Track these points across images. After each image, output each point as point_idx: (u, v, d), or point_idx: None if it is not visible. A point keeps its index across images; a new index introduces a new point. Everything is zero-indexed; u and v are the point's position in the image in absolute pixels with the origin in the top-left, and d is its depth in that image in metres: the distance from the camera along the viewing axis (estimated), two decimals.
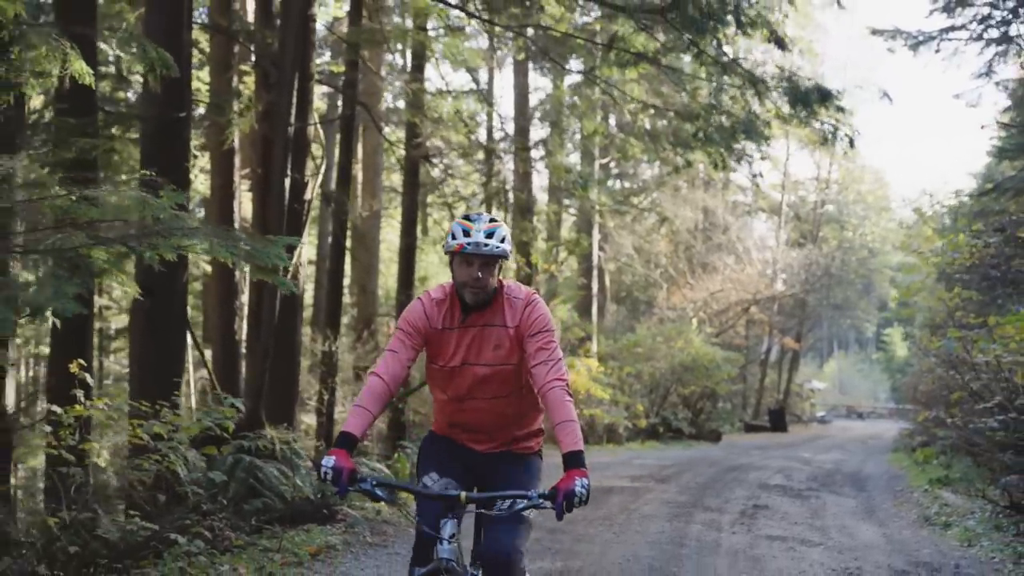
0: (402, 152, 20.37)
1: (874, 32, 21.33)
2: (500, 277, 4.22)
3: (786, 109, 12.44)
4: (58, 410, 7.22)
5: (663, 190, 37.86)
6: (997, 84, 21.46)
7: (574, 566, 8.13)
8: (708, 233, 40.36)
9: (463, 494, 3.77)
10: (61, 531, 6.40)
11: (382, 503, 4.22)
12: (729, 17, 11.39)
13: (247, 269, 11.40)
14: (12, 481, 7.63)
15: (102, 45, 13.89)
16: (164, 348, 10.66)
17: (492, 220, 4.10)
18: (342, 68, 18.97)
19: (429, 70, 23.71)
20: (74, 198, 5.89)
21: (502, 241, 4.06)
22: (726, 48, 13.81)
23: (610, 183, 38.55)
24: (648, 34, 12.64)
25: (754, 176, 16.60)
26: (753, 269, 39.21)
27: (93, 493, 7.08)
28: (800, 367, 53.91)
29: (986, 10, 20.41)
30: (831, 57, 48.58)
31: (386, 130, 22.81)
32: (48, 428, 7.12)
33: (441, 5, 16.62)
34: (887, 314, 54.27)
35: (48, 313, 6.43)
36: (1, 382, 8.08)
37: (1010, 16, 20.59)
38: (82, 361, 7.50)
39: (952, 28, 20.73)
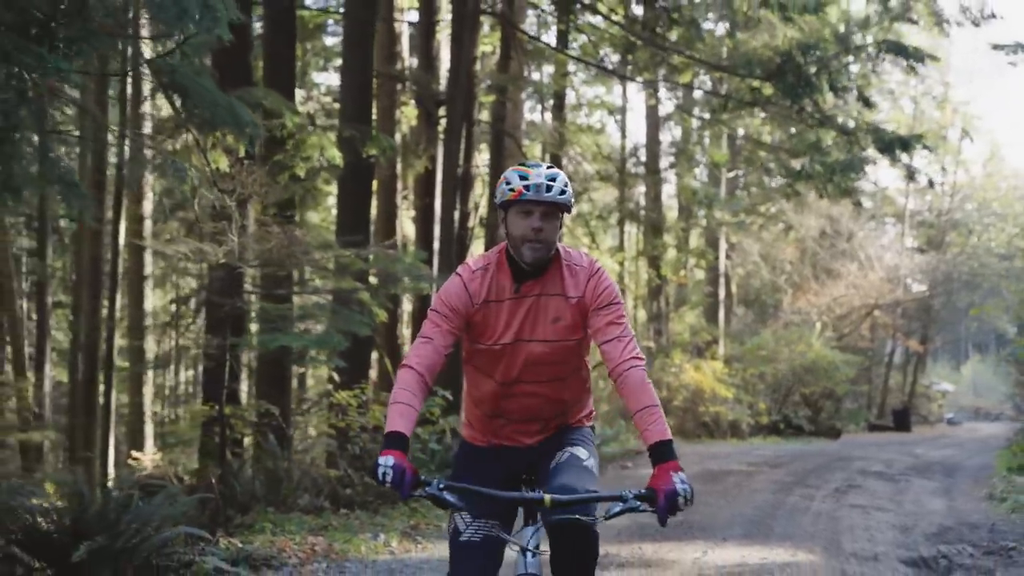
0: None
1: (995, 47, 22.99)
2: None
3: (874, 154, 14.83)
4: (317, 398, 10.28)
5: (788, 199, 39.76)
6: None
7: (694, 519, 10.81)
8: (832, 240, 42.08)
9: (548, 497, 3.35)
10: (337, 480, 9.43)
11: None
12: (824, 83, 13.88)
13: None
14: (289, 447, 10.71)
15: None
16: (356, 353, 13.73)
17: (550, 167, 3.65)
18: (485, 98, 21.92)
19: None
20: (349, 254, 8.87)
21: (565, 187, 3.60)
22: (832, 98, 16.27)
23: (739, 191, 40.79)
24: (757, 92, 15.21)
25: (856, 204, 18.86)
26: (875, 275, 40.75)
27: (349, 457, 10.10)
28: (934, 369, 54.75)
29: None
30: (955, 67, 49.33)
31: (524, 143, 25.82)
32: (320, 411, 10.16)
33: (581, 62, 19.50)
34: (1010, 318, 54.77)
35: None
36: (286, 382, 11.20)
37: None
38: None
39: None
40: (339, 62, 26.72)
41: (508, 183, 3.59)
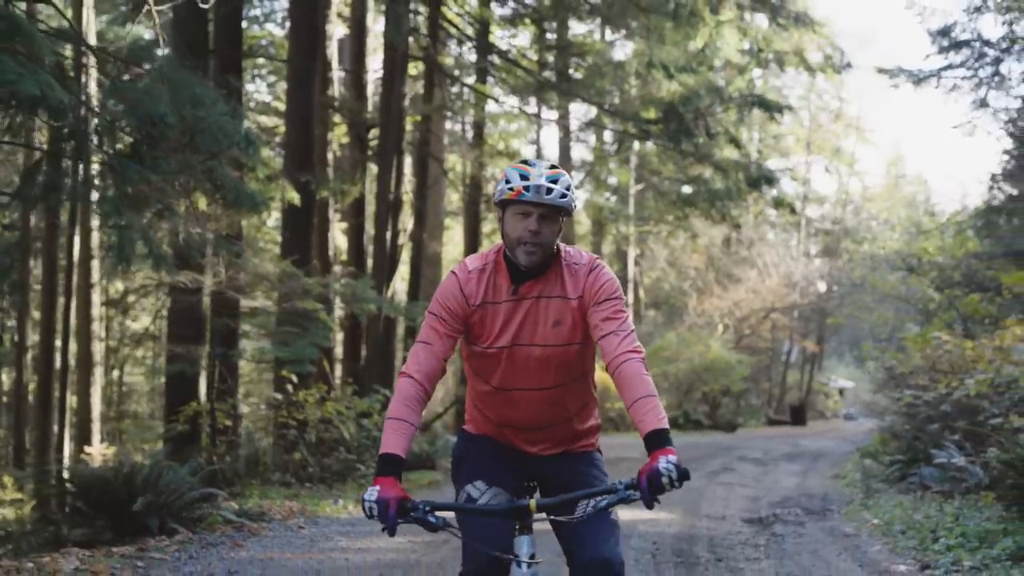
0: (464, 185, 25.89)
1: (880, 71, 25.38)
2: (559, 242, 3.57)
3: (745, 187, 17.57)
4: (280, 396, 12.61)
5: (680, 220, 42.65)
6: (993, 115, 25.43)
7: None
8: (734, 248, 45.12)
9: (533, 501, 3.28)
10: (299, 462, 11.79)
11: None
12: (701, 129, 16.54)
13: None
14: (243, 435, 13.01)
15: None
16: None
17: (553, 167, 3.50)
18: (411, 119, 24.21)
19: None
20: (311, 280, 11.21)
21: (567, 191, 3.44)
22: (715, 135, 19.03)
23: (647, 200, 43.69)
24: (648, 131, 17.84)
25: (736, 227, 21.62)
26: (772, 281, 43.80)
27: (307, 444, 12.45)
28: (837, 367, 58.13)
29: (978, 50, 24.74)
30: (848, 85, 52.44)
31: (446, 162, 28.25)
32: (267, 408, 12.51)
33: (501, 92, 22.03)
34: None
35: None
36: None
37: (1002, 55, 24.92)
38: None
39: (950, 66, 24.99)
40: (267, 71, 28.94)
41: (508, 181, 3.46)
